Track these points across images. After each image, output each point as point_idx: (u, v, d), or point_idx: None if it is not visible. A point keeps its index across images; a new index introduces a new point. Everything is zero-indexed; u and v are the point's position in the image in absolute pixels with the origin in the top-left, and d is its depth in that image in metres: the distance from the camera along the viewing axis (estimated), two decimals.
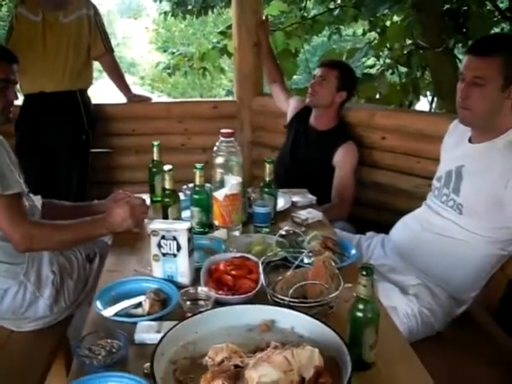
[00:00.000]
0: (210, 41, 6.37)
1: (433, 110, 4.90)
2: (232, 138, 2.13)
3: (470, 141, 2.27)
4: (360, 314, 1.35)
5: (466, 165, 2.22)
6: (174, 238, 1.75)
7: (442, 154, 2.47)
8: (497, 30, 4.57)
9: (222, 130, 2.12)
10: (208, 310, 1.53)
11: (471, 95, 2.10)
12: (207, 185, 2.21)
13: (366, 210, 3.29)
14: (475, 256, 2.19)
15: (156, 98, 13.78)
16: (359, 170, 3.25)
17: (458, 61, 4.11)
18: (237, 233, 2.14)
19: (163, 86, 19.74)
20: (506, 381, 2.02)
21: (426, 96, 4.97)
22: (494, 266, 2.23)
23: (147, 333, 1.50)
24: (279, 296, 1.57)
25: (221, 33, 5.33)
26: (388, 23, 4.82)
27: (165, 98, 15.34)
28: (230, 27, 4.52)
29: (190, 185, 2.34)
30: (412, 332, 2.15)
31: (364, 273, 1.31)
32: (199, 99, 6.91)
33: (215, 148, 2.13)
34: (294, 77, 6.46)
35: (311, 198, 2.54)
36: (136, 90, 4.43)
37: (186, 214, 2.25)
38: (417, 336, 2.19)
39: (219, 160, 2.12)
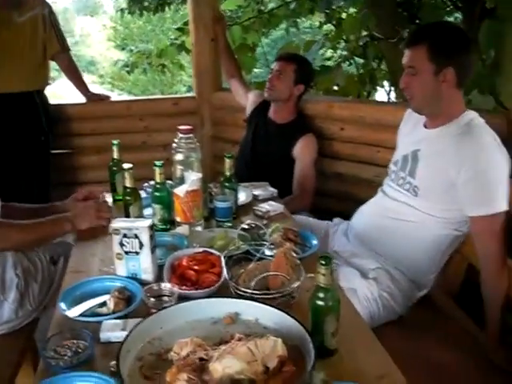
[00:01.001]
0: (169, 37, 6.32)
1: (391, 100, 4.97)
2: (191, 135, 2.14)
3: (425, 126, 2.34)
4: (320, 303, 1.38)
5: (421, 149, 2.29)
6: (136, 236, 1.75)
7: (399, 140, 2.54)
8: (449, 19, 4.65)
9: (180, 127, 2.14)
10: (172, 305, 1.54)
11: (409, 85, 2.22)
12: (168, 182, 2.22)
13: (329, 200, 3.34)
14: (430, 237, 2.26)
15: (116, 96, 13.66)
16: (320, 161, 3.29)
17: None
18: (199, 228, 2.15)
19: (123, 84, 19.56)
20: (466, 361, 2.08)
21: (383, 86, 5.03)
22: (448, 246, 2.30)
23: (112, 331, 1.50)
24: (242, 288, 1.59)
25: (178, 29, 5.31)
26: (344, 15, 4.87)
27: (125, 96, 15.19)
28: (187, 23, 4.51)
29: (151, 182, 2.34)
30: (373, 316, 2.21)
31: (323, 262, 1.34)
32: (159, 96, 6.88)
33: (174, 145, 2.14)
34: (256, 70, 6.48)
35: (272, 190, 2.56)
36: (96, 88, 4.40)
37: (148, 211, 2.26)
38: (379, 320, 2.24)
39: (179, 157, 2.13)
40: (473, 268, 2.30)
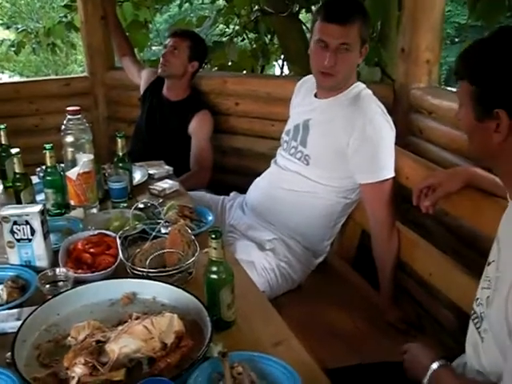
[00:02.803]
0: (59, 15, 6.08)
1: (284, 74, 5.04)
2: (79, 115, 2.09)
3: (315, 96, 2.39)
4: (214, 276, 1.41)
5: (312, 118, 2.35)
6: (27, 223, 1.71)
7: (290, 111, 2.57)
8: None
9: (68, 108, 2.08)
10: (68, 290, 1.53)
11: (338, 61, 2.17)
12: (61, 165, 2.17)
13: (227, 175, 3.36)
14: (322, 206, 2.33)
15: (6, 78, 13.02)
16: (217, 136, 3.31)
17: (303, 25, 4.24)
18: (94, 210, 2.12)
19: (14, 66, 18.66)
20: (362, 322, 2.19)
21: (277, 60, 5.09)
22: (340, 214, 2.39)
23: (7, 322, 1.46)
24: (138, 268, 1.60)
25: (65, 6, 5.12)
26: None
27: (15, 78, 14.53)
28: (74, 0, 4.37)
29: (44, 167, 2.28)
30: (272, 286, 2.27)
31: (213, 236, 1.36)
32: (49, 77, 6.60)
33: (63, 127, 2.09)
34: (154, 48, 6.35)
35: (168, 168, 2.56)
36: None
37: (41, 197, 2.20)
38: (278, 290, 2.31)
39: (69, 139, 2.09)
40: (366, 233, 2.41)
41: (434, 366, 1.43)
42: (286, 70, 4.99)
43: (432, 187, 1.88)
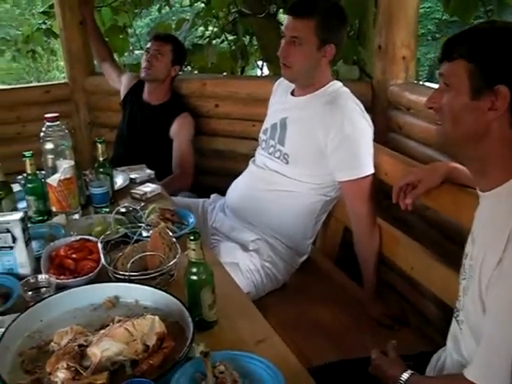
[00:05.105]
0: (38, 22, 6.04)
1: (263, 74, 5.06)
2: (58, 122, 2.10)
3: (292, 94, 2.41)
4: (194, 277, 1.42)
5: (289, 116, 2.36)
6: (8, 230, 1.71)
7: (268, 110, 2.59)
8: None
9: (46, 115, 2.09)
10: (50, 296, 1.53)
11: (290, 53, 2.24)
12: (42, 172, 2.17)
13: (209, 177, 3.37)
14: (301, 204, 2.35)
15: None
16: (198, 139, 3.33)
17: (281, 26, 4.25)
18: (76, 216, 2.12)
19: None
20: (346, 317, 2.21)
21: (256, 61, 5.10)
22: (320, 212, 2.40)
23: None
24: (120, 272, 1.61)
25: (43, 13, 5.10)
26: None
27: None
28: (52, 6, 4.35)
29: (25, 174, 2.28)
30: (257, 286, 2.28)
31: (192, 237, 1.38)
32: (29, 84, 6.56)
33: (42, 134, 2.09)
34: (137, 52, 6.32)
35: (149, 172, 2.57)
36: None
37: (23, 204, 2.20)
38: (263, 290, 2.32)
39: (48, 146, 2.09)
40: (349, 230, 2.43)
41: (405, 376, 1.44)
42: (266, 71, 5.01)
43: (412, 184, 1.90)
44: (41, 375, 1.24)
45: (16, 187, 2.26)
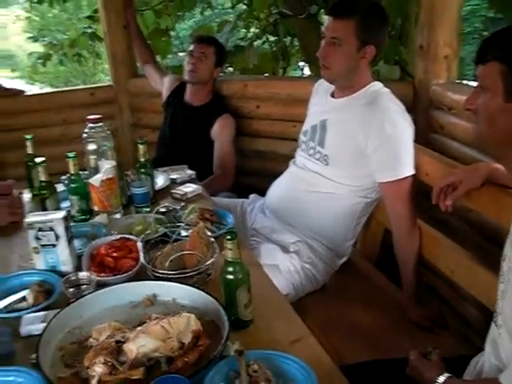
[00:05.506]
0: (83, 26, 6.16)
1: (304, 75, 5.06)
2: (100, 124, 2.14)
3: (332, 96, 2.40)
4: (230, 277, 1.43)
5: (329, 118, 2.35)
6: (51, 229, 1.75)
7: (308, 112, 2.59)
8: None
9: (88, 117, 2.13)
10: (90, 293, 1.56)
11: (330, 54, 2.23)
12: (84, 172, 2.22)
13: (250, 178, 3.39)
14: (342, 205, 2.34)
15: (37, 90, 13.20)
16: (239, 139, 3.35)
17: (321, 26, 4.25)
18: (118, 216, 2.16)
19: (45, 77, 18.94)
20: (385, 321, 2.19)
21: (297, 62, 5.11)
22: (361, 214, 2.39)
23: (33, 324, 1.50)
24: (158, 270, 1.63)
25: (88, 17, 5.21)
26: None
27: (39, 90, 14.72)
28: (97, 11, 4.44)
29: (68, 174, 2.33)
30: (296, 287, 2.28)
31: (228, 237, 1.39)
32: (75, 87, 6.72)
33: (84, 135, 2.14)
34: (180, 54, 6.39)
35: (190, 173, 2.59)
36: (18, 84, 4.26)
37: (66, 203, 2.25)
38: (303, 291, 2.32)
39: (91, 146, 2.14)
40: (389, 232, 2.41)
41: (441, 379, 1.42)
42: (307, 72, 5.01)
43: (452, 185, 1.88)
44: (79, 369, 1.27)
45: (60, 187, 2.31)
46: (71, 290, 1.61)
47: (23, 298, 1.65)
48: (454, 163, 2.13)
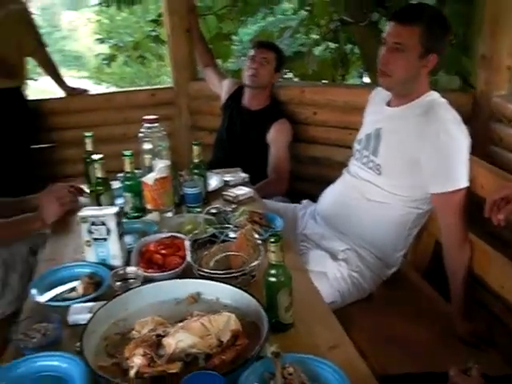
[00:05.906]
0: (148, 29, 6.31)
1: (363, 83, 5.03)
2: (156, 124, 2.19)
3: (388, 105, 2.38)
4: (273, 279, 1.44)
5: (383, 127, 2.33)
6: (103, 223, 1.81)
7: (364, 120, 2.57)
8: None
9: (144, 117, 2.19)
10: (136, 287, 1.60)
11: (391, 61, 2.19)
12: (138, 171, 2.27)
13: (305, 183, 3.40)
14: (394, 216, 2.31)
15: (103, 90, 13.54)
16: (295, 145, 3.36)
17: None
18: (169, 214, 2.20)
19: (110, 78, 19.41)
20: (432, 335, 2.15)
21: (357, 70, 5.09)
22: (412, 224, 2.36)
23: (80, 314, 1.55)
24: (203, 269, 1.66)
25: (153, 21, 5.33)
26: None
27: (103, 89, 15.10)
28: (161, 15, 4.54)
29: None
30: (343, 295, 2.26)
31: (272, 240, 1.40)
32: (137, 88, 6.89)
33: (140, 135, 2.19)
34: (243, 59, 6.46)
35: (243, 176, 2.61)
36: (85, 84, 4.40)
37: (121, 200, 2.31)
38: (349, 299, 2.30)
39: (146, 146, 2.19)
40: (440, 244, 2.37)
41: None
42: (366, 79, 4.98)
43: (506, 198, 1.83)
44: (120, 360, 1.31)
45: (116, 184, 2.38)
46: (119, 283, 1.66)
47: (73, 289, 1.71)
48: (510, 177, 2.07)
